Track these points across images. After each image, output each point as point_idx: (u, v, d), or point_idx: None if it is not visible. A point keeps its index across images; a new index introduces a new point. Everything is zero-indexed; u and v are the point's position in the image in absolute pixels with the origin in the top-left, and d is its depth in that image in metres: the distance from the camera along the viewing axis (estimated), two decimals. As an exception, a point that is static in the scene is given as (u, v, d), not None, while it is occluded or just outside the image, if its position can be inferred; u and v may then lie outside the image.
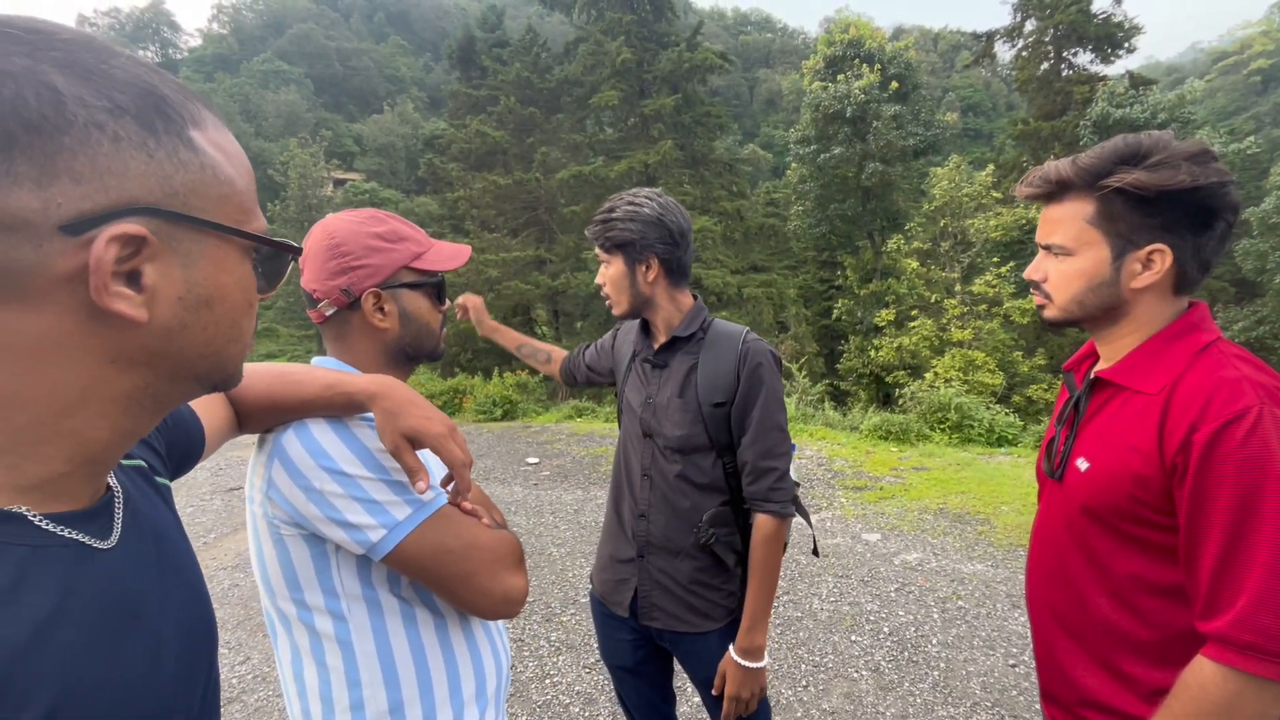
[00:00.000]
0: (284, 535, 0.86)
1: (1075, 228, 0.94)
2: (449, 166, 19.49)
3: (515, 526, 5.04)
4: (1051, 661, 1.05)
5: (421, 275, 1.01)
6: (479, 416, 11.20)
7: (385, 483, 0.84)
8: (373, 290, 0.96)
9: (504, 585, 0.89)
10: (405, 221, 1.02)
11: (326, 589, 0.87)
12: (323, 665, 0.88)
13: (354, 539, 0.82)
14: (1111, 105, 18.51)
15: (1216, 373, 0.85)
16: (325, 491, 0.81)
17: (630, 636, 1.53)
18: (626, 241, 1.38)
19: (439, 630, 0.93)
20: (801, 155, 21.84)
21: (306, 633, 0.89)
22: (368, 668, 0.88)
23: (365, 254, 0.96)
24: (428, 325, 1.03)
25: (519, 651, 3.16)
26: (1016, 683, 2.71)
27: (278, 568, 0.88)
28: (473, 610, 0.90)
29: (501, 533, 0.93)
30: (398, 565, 0.84)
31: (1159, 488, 0.86)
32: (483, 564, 0.87)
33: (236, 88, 56.81)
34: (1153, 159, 0.87)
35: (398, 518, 0.82)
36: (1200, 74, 55.24)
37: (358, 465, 0.83)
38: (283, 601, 0.89)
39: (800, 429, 8.17)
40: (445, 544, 0.85)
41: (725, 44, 59.19)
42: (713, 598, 1.43)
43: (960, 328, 15.54)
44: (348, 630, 0.88)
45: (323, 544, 0.85)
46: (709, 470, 1.40)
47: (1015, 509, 4.74)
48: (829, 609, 3.44)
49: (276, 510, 0.85)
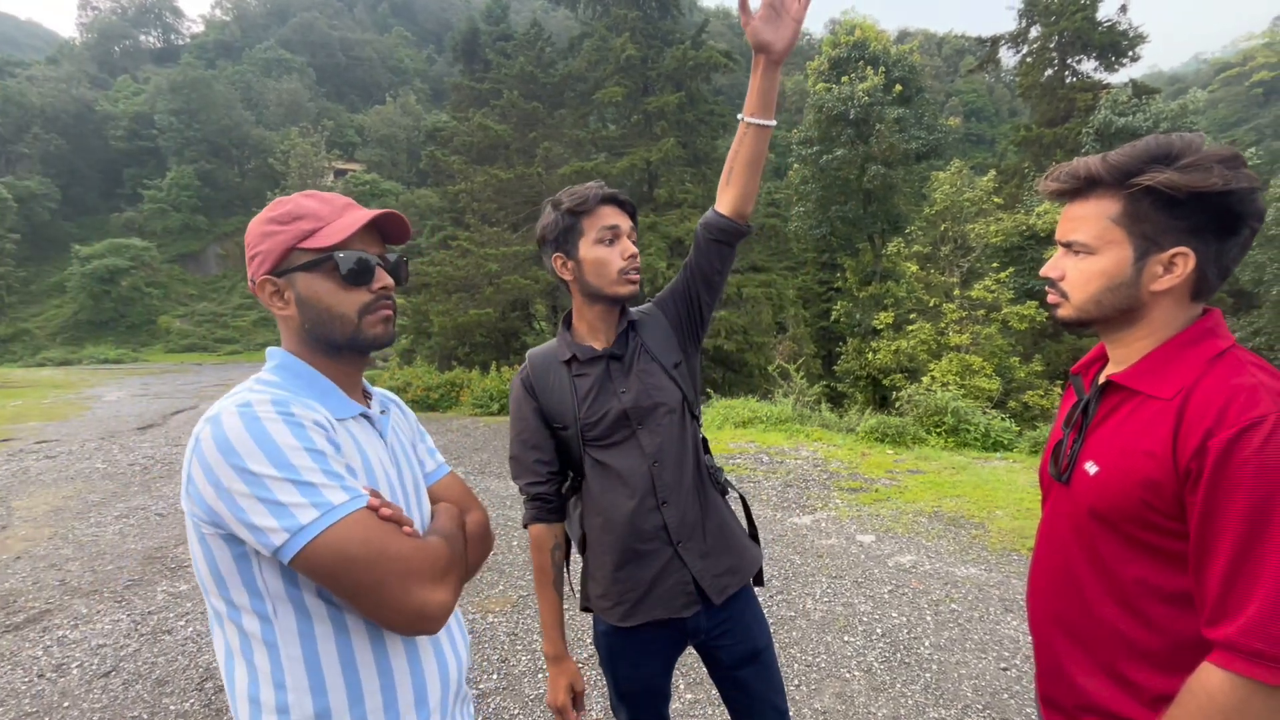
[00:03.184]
0: (205, 534, 0.82)
1: (1099, 226, 0.93)
2: (450, 159, 19.39)
3: (511, 521, 5.03)
4: (1053, 665, 1.04)
5: (316, 254, 0.91)
6: (476, 410, 11.18)
7: (293, 483, 0.79)
8: (265, 278, 0.91)
9: (417, 600, 0.82)
10: (319, 196, 0.94)
11: (251, 589, 0.83)
12: (251, 665, 0.85)
13: (258, 541, 0.78)
14: (1114, 113, 18.53)
15: (1233, 379, 0.84)
16: (232, 490, 0.77)
17: (666, 654, 1.49)
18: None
19: (373, 636, 0.88)
20: (804, 156, 21.80)
21: (236, 631, 0.86)
22: (293, 672, 0.84)
23: (257, 241, 0.91)
24: (329, 309, 0.92)
25: (512, 645, 3.15)
26: (1008, 686, 2.71)
27: (205, 567, 0.84)
28: (385, 624, 0.84)
29: (422, 541, 0.87)
30: (304, 570, 0.80)
31: (1171, 493, 0.85)
32: (391, 575, 0.81)
33: (238, 75, 56.51)
34: (1185, 160, 0.86)
35: (301, 521, 0.77)
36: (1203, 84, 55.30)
37: (264, 463, 0.78)
38: (214, 599, 0.86)
39: (797, 429, 8.17)
40: (350, 551, 0.79)
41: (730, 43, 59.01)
42: (743, 529, 1.55)
43: (958, 332, 15.54)
44: (274, 632, 0.84)
45: (242, 544, 0.81)
46: (690, 423, 1.48)
47: (1010, 514, 4.74)
48: (822, 609, 3.44)
49: (195, 508, 0.81)
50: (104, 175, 48.34)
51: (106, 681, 2.98)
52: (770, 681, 1.51)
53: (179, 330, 37.99)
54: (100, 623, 3.55)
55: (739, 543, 1.50)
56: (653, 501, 1.40)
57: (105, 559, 4.47)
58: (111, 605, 3.76)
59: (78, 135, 47.09)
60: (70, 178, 45.95)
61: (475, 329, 16.42)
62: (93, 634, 3.42)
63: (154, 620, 3.56)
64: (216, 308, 41.11)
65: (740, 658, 1.47)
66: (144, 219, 43.89)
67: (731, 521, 1.52)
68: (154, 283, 39.62)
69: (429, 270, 16.28)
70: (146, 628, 3.48)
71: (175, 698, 2.84)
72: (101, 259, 36.88)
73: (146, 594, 3.90)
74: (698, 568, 1.42)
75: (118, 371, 23.17)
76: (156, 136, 46.78)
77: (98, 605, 3.76)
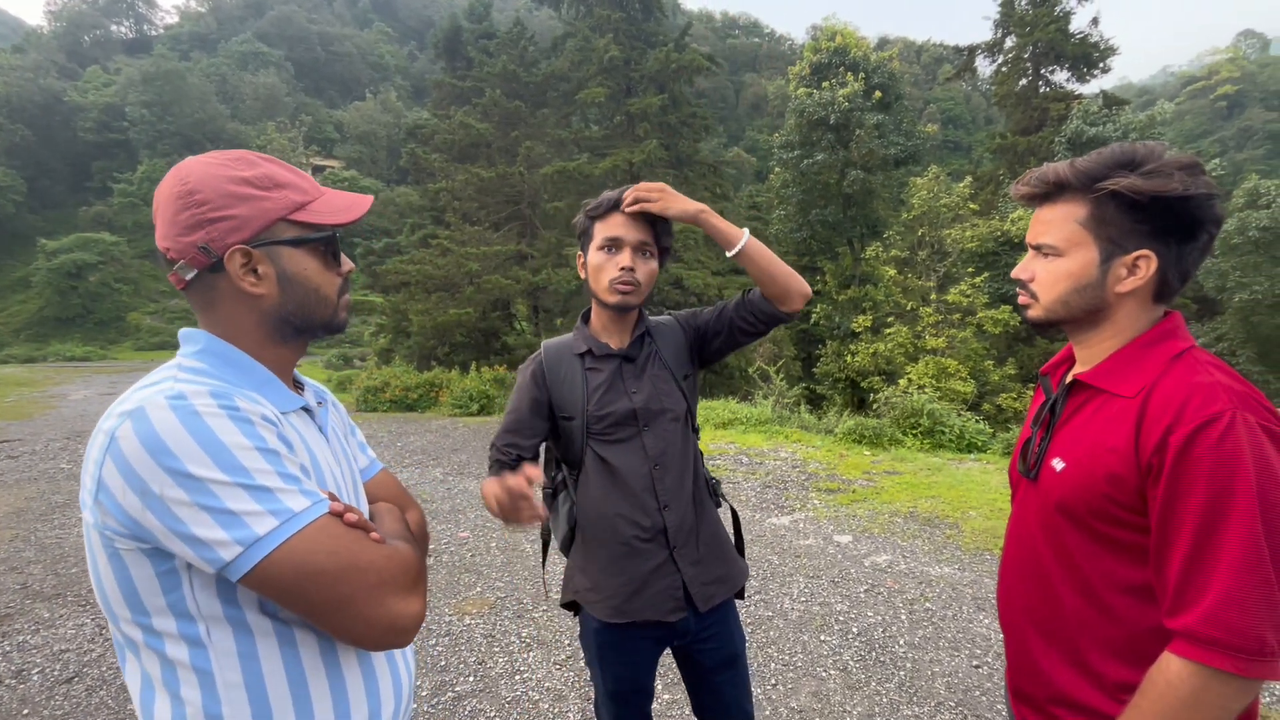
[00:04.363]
0: (120, 550, 0.70)
1: (1067, 229, 0.96)
2: (431, 157, 19.24)
3: (490, 522, 4.99)
4: (1023, 659, 1.07)
5: (306, 230, 0.83)
6: (455, 411, 11.08)
7: (245, 488, 0.69)
8: (239, 248, 0.78)
9: (390, 612, 0.75)
10: (286, 165, 0.86)
11: (178, 611, 0.72)
12: (177, 698, 0.73)
13: (202, 556, 0.68)
14: (1085, 123, 19.00)
15: (1191, 378, 0.87)
16: (167, 498, 0.66)
17: (652, 652, 1.51)
18: (668, 248, 1.50)
19: (324, 652, 0.79)
20: (785, 160, 21.99)
21: (157, 660, 0.74)
22: (232, 700, 0.74)
23: (227, 203, 0.78)
24: (317, 290, 0.85)
25: (489, 647, 3.13)
26: (980, 683, 2.76)
27: (115, 587, 0.72)
28: (352, 640, 0.76)
29: (392, 548, 0.79)
30: (257, 588, 0.70)
31: (1133, 488, 0.88)
32: (363, 588, 0.73)
33: (213, 68, 55.41)
34: (1148, 166, 0.90)
35: (258, 532, 0.68)
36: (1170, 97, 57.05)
37: (209, 466, 0.68)
38: (126, 625, 0.74)
39: (776, 431, 8.23)
40: (316, 564, 0.70)
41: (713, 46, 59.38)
42: (734, 541, 1.59)
43: (934, 335, 15.80)
44: (207, 658, 0.73)
45: (170, 559, 0.70)
46: (690, 433, 1.53)
47: (983, 514, 4.83)
48: (799, 609, 3.47)
49: (109, 519, 0.69)
50: (72, 168, 47.03)
51: (69, 688, 2.89)
52: (742, 687, 1.55)
53: (149, 327, 37.06)
54: (63, 627, 3.45)
55: (729, 554, 1.54)
56: (654, 503, 1.44)
57: (69, 562, 4.34)
58: (75, 609, 3.65)
59: (45, 126, 45.76)
60: (36, 170, 44.65)
61: (455, 329, 16.29)
62: (55, 639, 3.32)
63: (120, 624, 3.47)
64: (188, 305, 40.04)
65: (719, 663, 1.50)
66: (114, 213, 42.77)
67: (722, 533, 1.56)
68: (123, 278, 38.62)
69: (409, 269, 16.12)
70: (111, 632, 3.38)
71: (141, 703, 2.77)
72: (69, 254, 35.86)
73: (112, 597, 3.79)
74: (689, 574, 1.45)
75: (85, 369, 22.55)
76: (127, 129, 45.65)
77: (60, 609, 3.65)
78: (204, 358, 0.81)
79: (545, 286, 16.42)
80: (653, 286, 1.48)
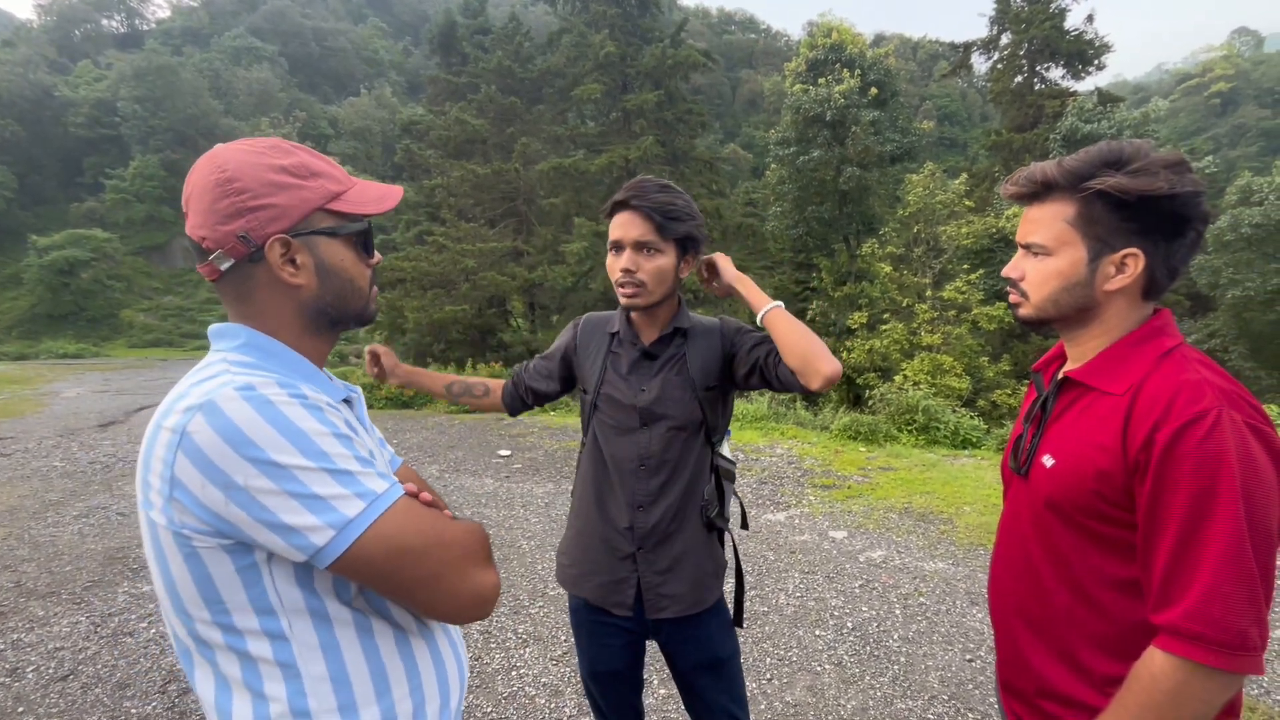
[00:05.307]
0: (198, 548, 0.70)
1: (1056, 228, 0.96)
2: (427, 153, 19.17)
3: (486, 519, 5.00)
4: (1013, 653, 1.08)
5: (342, 219, 0.83)
6: (451, 408, 11.06)
7: (329, 472, 0.69)
8: (279, 237, 0.78)
9: (474, 584, 0.77)
10: (317, 155, 0.85)
11: (260, 607, 0.72)
12: (260, 696, 0.74)
13: (293, 544, 0.68)
14: (1080, 120, 19.03)
15: (1179, 375, 0.88)
16: (252, 488, 0.66)
17: (624, 639, 1.51)
18: (688, 235, 1.41)
19: (399, 642, 0.81)
20: (781, 157, 21.98)
21: (237, 660, 0.74)
22: (319, 693, 0.74)
23: (267, 191, 0.77)
24: (352, 281, 0.85)
25: (485, 643, 3.14)
26: (972, 677, 2.78)
27: (192, 587, 0.72)
28: (439, 615, 0.78)
29: (467, 524, 0.82)
30: (347, 571, 0.71)
31: (1121, 484, 0.89)
32: (450, 562, 0.75)
33: (206, 63, 54.92)
34: (1134, 165, 0.90)
35: (348, 515, 0.69)
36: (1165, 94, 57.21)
37: (292, 453, 0.68)
38: (203, 626, 0.74)
39: (772, 428, 8.25)
40: (406, 543, 0.72)
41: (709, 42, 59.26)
42: (713, 570, 1.51)
43: (930, 332, 15.83)
44: (290, 652, 0.73)
45: (250, 553, 0.71)
46: (701, 449, 1.47)
47: (977, 509, 4.86)
48: (795, 604, 3.49)
49: (186, 517, 0.69)
50: (63, 164, 46.61)
51: (64, 685, 2.89)
52: (730, 691, 1.52)
53: (143, 325, 36.84)
54: (58, 625, 3.44)
55: (698, 578, 1.46)
56: (631, 500, 1.43)
57: (63, 559, 4.33)
58: (70, 607, 3.64)
59: (35, 121, 45.31)
60: (27, 165, 44.22)
61: (451, 326, 16.25)
62: (49, 636, 3.32)
63: (115, 622, 3.46)
64: (183, 302, 39.98)
65: (696, 664, 1.49)
66: (106, 209, 42.43)
67: (703, 559, 1.48)
68: (116, 275, 38.34)
69: (404, 266, 16.05)
70: (107, 630, 3.38)
71: (137, 701, 2.76)
72: (60, 250, 35.54)
73: (107, 595, 3.78)
74: (647, 580, 1.44)
75: (78, 366, 22.41)
76: (119, 124, 45.20)
77: (55, 607, 3.64)
78: (249, 351, 0.80)
79: (541, 283, 16.40)
80: (674, 282, 1.42)
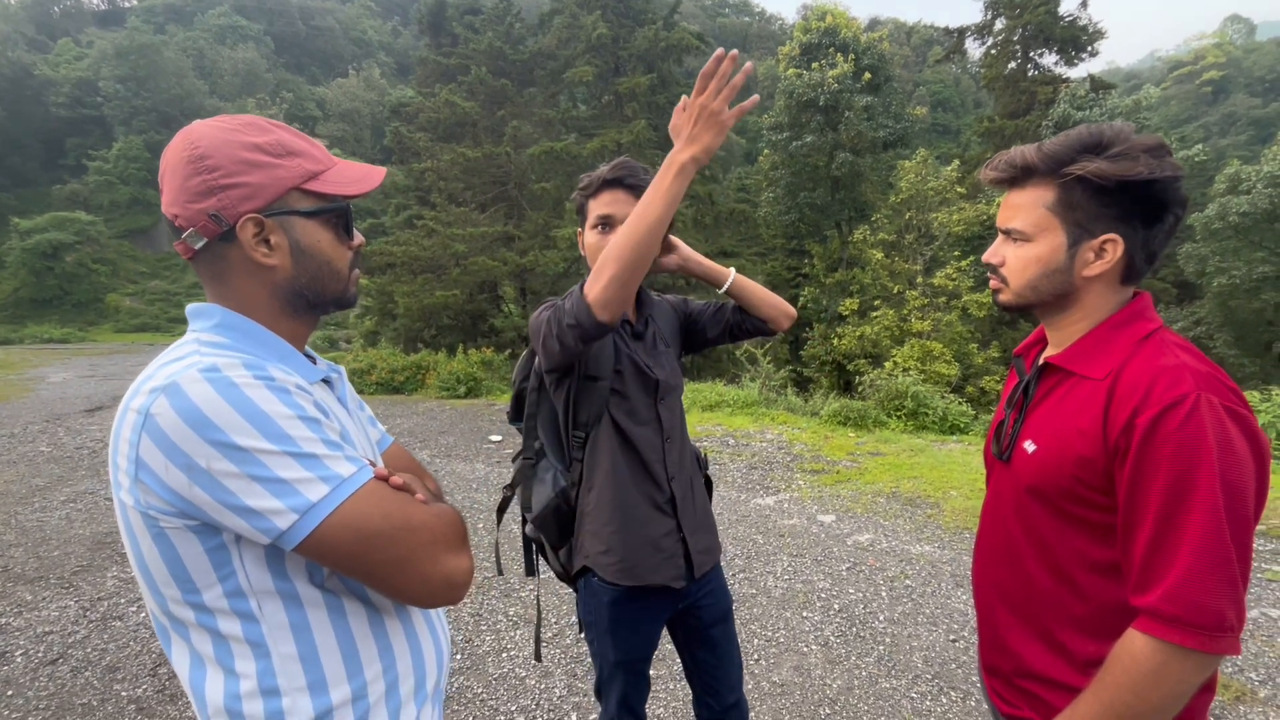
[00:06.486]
0: (166, 529, 0.70)
1: (1035, 214, 0.96)
2: (416, 136, 18.89)
3: (477, 504, 5.01)
4: (994, 635, 1.10)
5: (320, 200, 0.81)
6: (442, 393, 11.04)
7: (293, 455, 0.69)
8: (252, 216, 0.76)
9: (445, 569, 0.77)
10: (296, 133, 0.83)
11: (229, 588, 0.72)
12: (231, 673, 0.74)
13: (256, 527, 0.68)
14: (1073, 107, 19.05)
15: (1158, 360, 0.88)
16: (214, 471, 0.66)
17: (661, 620, 1.56)
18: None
19: (373, 623, 0.81)
20: (774, 142, 21.85)
21: (208, 637, 0.74)
22: (287, 672, 0.75)
23: (240, 170, 0.75)
24: (330, 263, 0.84)
25: (476, 625, 3.16)
26: (956, 657, 2.84)
27: (163, 567, 0.72)
28: (408, 599, 0.78)
29: (439, 507, 0.81)
30: (314, 555, 0.71)
31: (1101, 469, 0.90)
32: (419, 546, 0.74)
33: (190, 41, 53.72)
34: (1114, 149, 0.89)
35: (311, 499, 0.68)
36: (1157, 81, 57.17)
37: (254, 435, 0.67)
38: (175, 605, 0.74)
39: (762, 413, 8.30)
40: (372, 526, 0.71)
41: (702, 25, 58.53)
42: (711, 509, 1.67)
43: (920, 319, 15.91)
44: (260, 631, 0.74)
45: (218, 534, 0.70)
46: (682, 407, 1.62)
47: (963, 494, 4.92)
48: (783, 586, 3.53)
49: (152, 499, 0.69)
50: (45, 144, 45.65)
51: (54, 669, 2.89)
52: (734, 640, 1.65)
53: (129, 309, 36.40)
54: (46, 609, 3.43)
55: (714, 524, 1.63)
56: (665, 474, 1.49)
57: (51, 544, 4.31)
58: (58, 591, 3.64)
59: (14, 101, 44.30)
60: (7, 146, 43.32)
61: (442, 311, 16.16)
62: (38, 621, 3.31)
63: (104, 606, 3.46)
64: (169, 286, 39.49)
65: (716, 617, 1.59)
66: (89, 192, 41.68)
67: (709, 507, 1.64)
68: (101, 259, 37.78)
69: (394, 250, 15.91)
70: (96, 614, 3.38)
71: (127, 684, 2.77)
72: (43, 233, 34.96)
73: (96, 580, 3.78)
74: (690, 542, 1.51)
75: (63, 351, 22.16)
76: (102, 104, 44.27)
77: (43, 592, 3.64)
78: (222, 332, 0.79)
79: (533, 268, 16.29)
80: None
